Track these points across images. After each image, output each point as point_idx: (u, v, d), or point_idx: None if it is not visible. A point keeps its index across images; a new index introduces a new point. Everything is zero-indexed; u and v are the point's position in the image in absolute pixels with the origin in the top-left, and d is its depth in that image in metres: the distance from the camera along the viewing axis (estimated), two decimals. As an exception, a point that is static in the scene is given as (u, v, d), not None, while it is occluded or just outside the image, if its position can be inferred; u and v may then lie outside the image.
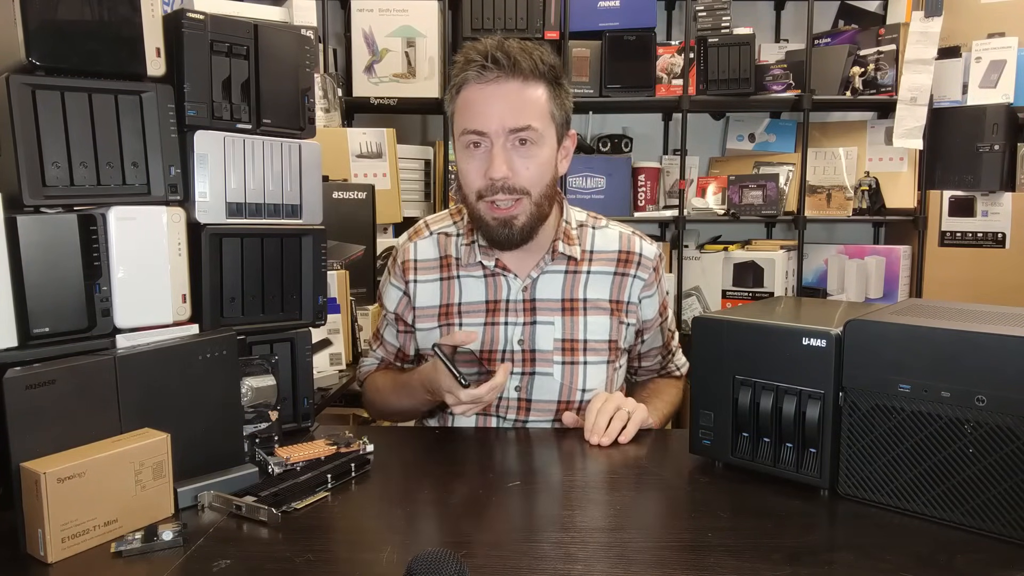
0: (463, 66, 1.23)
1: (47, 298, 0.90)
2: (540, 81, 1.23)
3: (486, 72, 1.20)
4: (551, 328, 1.32)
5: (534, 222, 1.26)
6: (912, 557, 0.82)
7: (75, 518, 0.82)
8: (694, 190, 2.93)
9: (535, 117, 1.22)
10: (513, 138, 1.22)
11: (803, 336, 0.97)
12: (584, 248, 1.37)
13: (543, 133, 1.24)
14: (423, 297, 1.37)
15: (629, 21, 2.72)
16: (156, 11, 1.00)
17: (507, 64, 1.20)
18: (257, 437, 1.08)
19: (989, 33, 2.65)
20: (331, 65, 2.82)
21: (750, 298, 2.81)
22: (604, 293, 1.36)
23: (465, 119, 1.23)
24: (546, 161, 1.25)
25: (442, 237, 1.39)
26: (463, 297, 1.35)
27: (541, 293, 1.34)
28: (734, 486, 1.02)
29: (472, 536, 0.88)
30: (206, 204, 1.08)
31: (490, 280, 1.35)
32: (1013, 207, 2.60)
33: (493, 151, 1.21)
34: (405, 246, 1.41)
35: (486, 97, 1.21)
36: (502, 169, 1.21)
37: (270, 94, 1.13)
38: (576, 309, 1.34)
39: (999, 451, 0.85)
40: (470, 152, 1.24)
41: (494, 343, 1.32)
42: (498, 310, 1.33)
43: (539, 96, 1.23)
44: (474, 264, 1.34)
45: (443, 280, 1.37)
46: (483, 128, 1.21)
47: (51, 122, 0.92)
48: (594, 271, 1.36)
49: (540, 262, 1.33)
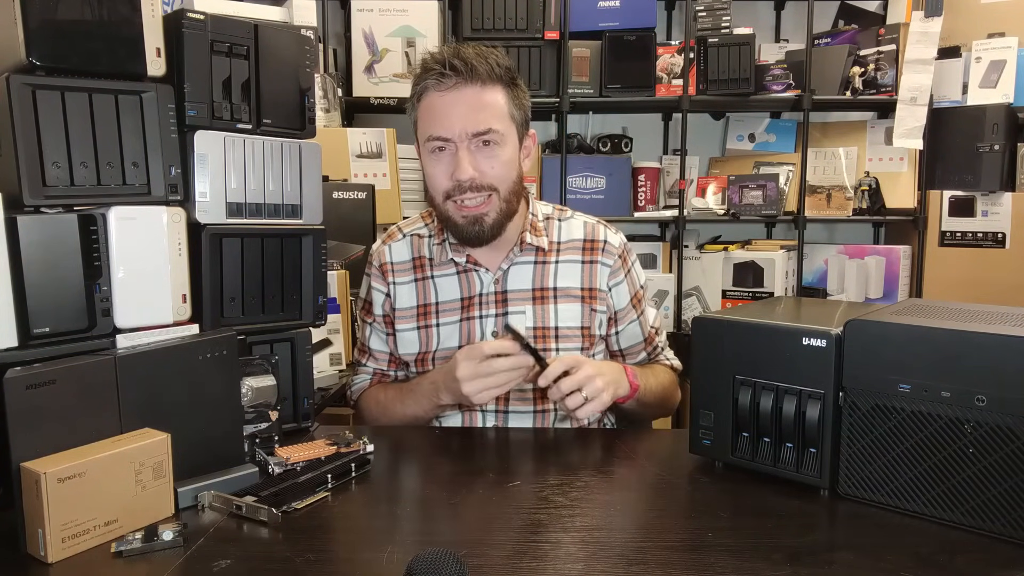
0: (422, 75, 1.27)
1: (47, 298, 0.90)
2: (497, 84, 1.27)
3: (445, 79, 1.24)
4: (522, 317, 1.35)
5: (503, 218, 1.31)
6: (912, 557, 0.82)
7: (75, 518, 0.82)
8: (694, 190, 2.93)
9: (495, 119, 1.26)
10: (476, 139, 1.25)
11: (803, 336, 0.97)
12: (551, 239, 1.40)
13: (504, 134, 1.27)
14: (401, 299, 1.40)
15: (629, 21, 2.72)
16: (156, 11, 1.00)
17: (464, 70, 1.24)
18: (257, 437, 1.08)
19: (989, 33, 2.65)
20: (331, 65, 2.82)
21: (750, 298, 2.81)
22: (575, 281, 1.39)
23: (428, 126, 1.27)
24: (510, 160, 1.29)
25: (415, 239, 1.42)
26: (439, 296, 1.38)
27: (512, 284, 1.37)
28: (734, 486, 1.02)
29: (472, 536, 0.88)
30: (206, 204, 1.08)
31: (463, 277, 1.38)
32: (1013, 207, 2.60)
33: (458, 154, 1.25)
34: (380, 249, 1.44)
35: (446, 103, 1.25)
36: (468, 171, 1.25)
37: (270, 94, 1.13)
38: (547, 298, 1.37)
39: (999, 451, 0.85)
40: (436, 156, 1.28)
41: (471, 337, 1.35)
42: (472, 305, 1.37)
43: (498, 99, 1.27)
44: (446, 262, 1.38)
45: (418, 281, 1.40)
46: (446, 134, 1.25)
47: (51, 122, 0.92)
48: (563, 260, 1.39)
49: (509, 254, 1.37)
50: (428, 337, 1.38)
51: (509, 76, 1.29)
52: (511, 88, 1.29)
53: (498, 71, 1.26)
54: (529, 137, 1.36)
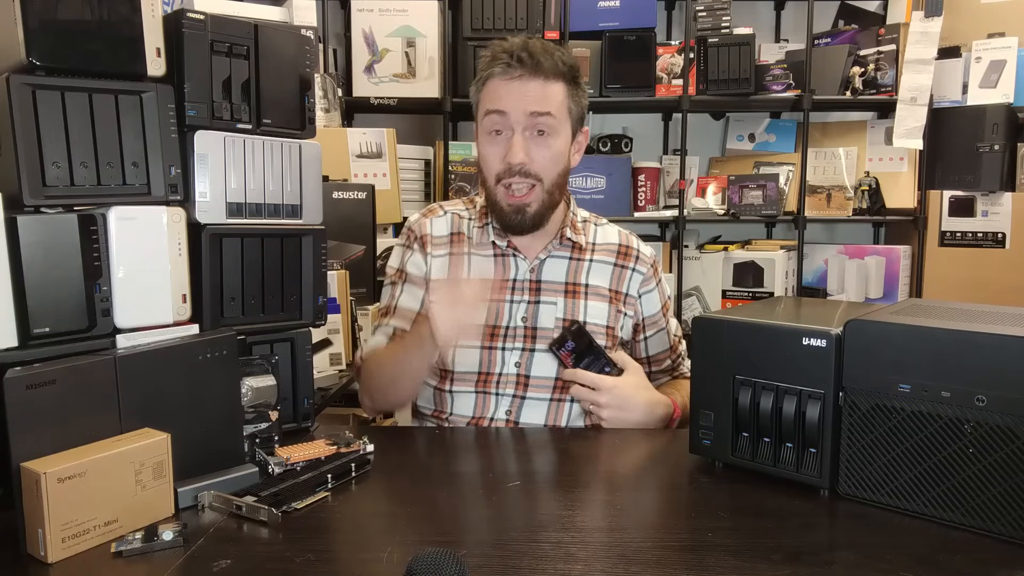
0: (490, 62, 1.34)
1: (47, 298, 0.90)
2: (560, 79, 1.33)
3: (511, 69, 1.31)
4: (553, 308, 1.40)
5: (545, 209, 1.36)
6: (912, 557, 0.82)
7: (75, 518, 0.82)
8: (694, 190, 2.93)
9: (554, 107, 1.32)
10: (532, 125, 1.31)
11: (803, 336, 0.97)
12: (588, 240, 1.47)
13: (559, 124, 1.34)
14: (436, 270, 1.43)
15: (629, 21, 2.72)
16: (156, 11, 1.00)
17: (530, 63, 1.30)
18: (257, 437, 1.08)
19: (989, 33, 2.65)
20: (331, 65, 2.82)
21: (750, 298, 2.81)
22: (604, 281, 1.44)
23: (488, 102, 1.34)
24: (560, 152, 1.35)
25: (455, 217, 1.47)
26: (472, 274, 1.42)
27: (546, 275, 1.42)
28: (734, 486, 1.02)
29: (472, 536, 0.88)
30: (206, 204, 1.08)
31: (499, 260, 1.43)
32: (1013, 207, 2.60)
33: (513, 138, 1.32)
34: (421, 222, 1.47)
35: (510, 88, 1.32)
36: (520, 155, 1.31)
37: (270, 94, 1.13)
38: (578, 293, 1.42)
39: (999, 451, 0.85)
40: (491, 138, 1.35)
41: (498, 319, 1.39)
42: (505, 289, 1.41)
43: (558, 91, 1.33)
44: (486, 244, 1.43)
45: (453, 256, 1.44)
46: (505, 108, 1.31)
47: (51, 122, 0.92)
48: (596, 260, 1.45)
49: (548, 246, 1.42)
50: None
51: (572, 74, 1.35)
52: (572, 85, 1.36)
53: (562, 67, 1.33)
54: (582, 133, 1.42)
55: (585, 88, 1.40)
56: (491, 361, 1.37)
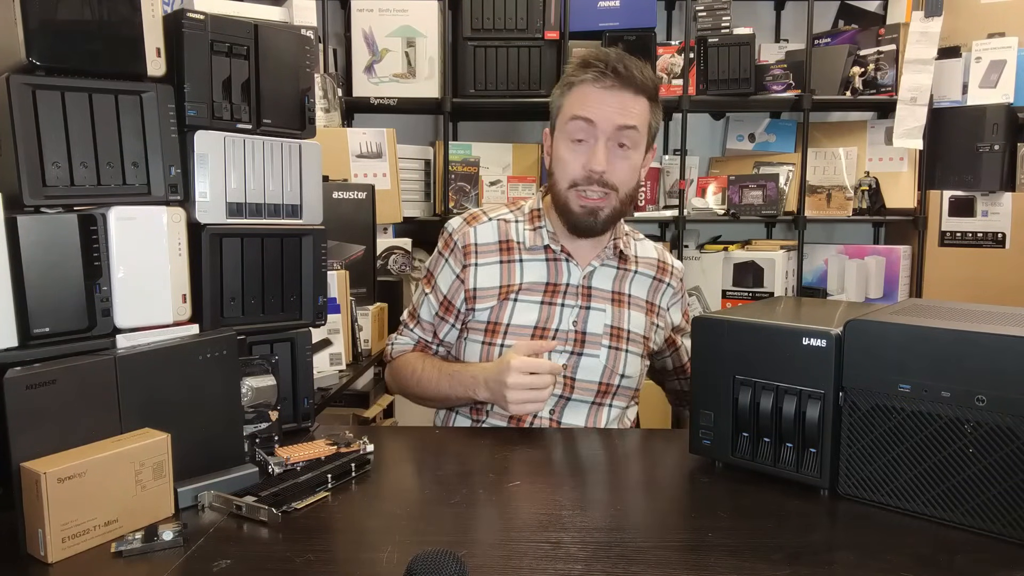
0: (582, 68, 1.36)
1: (47, 298, 0.90)
2: (645, 95, 1.36)
3: (604, 78, 1.33)
4: (603, 315, 1.42)
5: (615, 217, 1.40)
6: (912, 557, 0.82)
7: (75, 518, 0.82)
8: (694, 190, 2.93)
9: (638, 122, 1.35)
10: (616, 137, 1.34)
11: (803, 336, 0.97)
12: (632, 253, 1.51)
13: (640, 139, 1.37)
14: (483, 279, 1.43)
15: (629, 21, 2.72)
16: (156, 11, 1.00)
17: (625, 75, 1.33)
18: (257, 437, 1.08)
19: (989, 33, 2.65)
20: (331, 65, 2.82)
21: (750, 298, 2.81)
22: (643, 294, 1.49)
23: (576, 107, 1.35)
24: (635, 166, 1.39)
25: (501, 223, 1.48)
26: (524, 278, 1.43)
27: (596, 283, 1.45)
28: (734, 486, 1.02)
29: (472, 536, 0.88)
30: (206, 204, 1.08)
31: (551, 264, 1.44)
32: (1013, 207, 2.60)
33: (597, 146, 1.34)
34: (464, 230, 1.46)
35: (601, 96, 1.34)
36: (602, 163, 1.33)
37: (270, 94, 1.13)
38: (623, 302, 1.45)
39: (999, 451, 0.85)
40: (574, 146, 1.36)
41: (550, 321, 1.40)
42: (557, 292, 1.43)
43: (643, 107, 1.37)
44: (539, 248, 1.44)
45: (503, 263, 1.44)
46: (594, 117, 1.33)
47: (51, 122, 0.92)
48: (639, 272, 1.50)
49: (601, 254, 1.46)
50: (503, 309, 1.40)
51: (655, 91, 1.38)
52: (654, 103, 1.38)
53: (649, 85, 1.36)
54: (652, 150, 1.45)
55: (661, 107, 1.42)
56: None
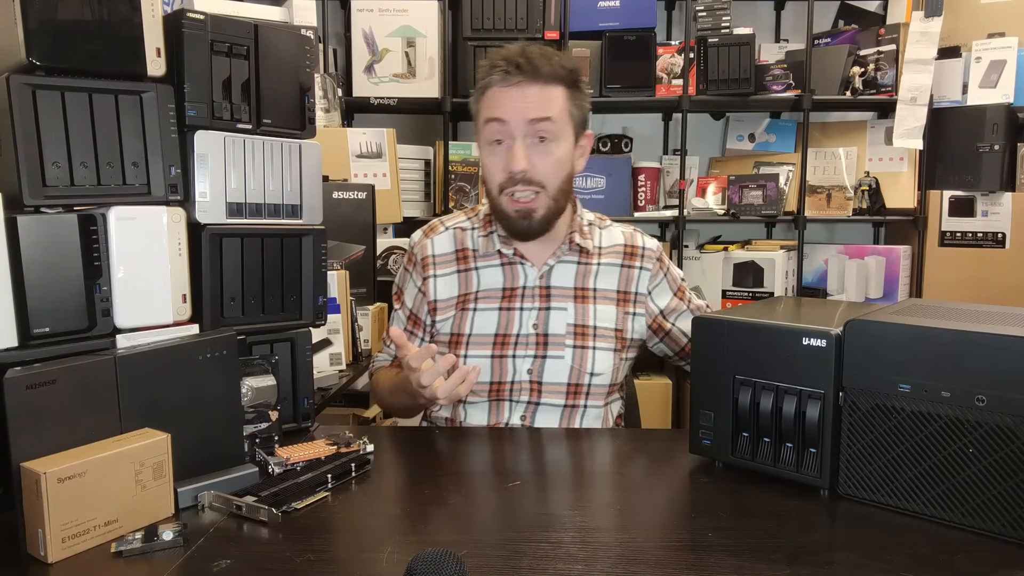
0: (488, 70, 1.32)
1: (47, 298, 0.90)
2: (559, 83, 1.31)
3: (509, 76, 1.29)
4: (564, 313, 1.39)
5: (551, 215, 1.35)
6: (912, 557, 0.82)
7: (75, 518, 0.82)
8: (694, 190, 2.93)
9: (554, 113, 1.30)
10: (532, 132, 1.30)
11: (803, 336, 0.97)
12: (594, 244, 1.45)
13: (560, 129, 1.32)
14: (442, 290, 1.43)
15: (629, 21, 2.72)
16: (156, 11, 1.00)
17: (529, 69, 1.29)
18: (257, 437, 1.08)
19: (989, 33, 2.65)
20: (331, 65, 2.82)
21: (750, 298, 2.81)
22: (612, 284, 1.43)
23: (488, 110, 1.32)
24: (563, 158, 1.33)
25: (458, 232, 1.46)
26: (480, 285, 1.41)
27: (555, 281, 1.41)
28: (734, 486, 1.02)
29: (472, 536, 0.88)
30: (206, 204, 1.08)
31: (507, 268, 1.42)
32: (1013, 207, 2.60)
33: (514, 146, 1.30)
34: (422, 243, 1.46)
35: (509, 95, 1.30)
36: (521, 163, 1.29)
37: (270, 94, 1.13)
38: (587, 297, 1.41)
39: (999, 451, 0.85)
40: (492, 148, 1.33)
41: (509, 326, 1.38)
42: (515, 296, 1.40)
43: (558, 96, 1.31)
44: (492, 253, 1.42)
45: (460, 272, 1.43)
46: (505, 116, 1.29)
47: (51, 122, 0.92)
48: (603, 263, 1.44)
49: (557, 251, 1.41)
50: (463, 319, 1.40)
51: (572, 77, 1.33)
52: (573, 89, 1.33)
53: (561, 72, 1.31)
54: (585, 137, 1.40)
55: (587, 91, 1.38)
56: (503, 370, 1.36)
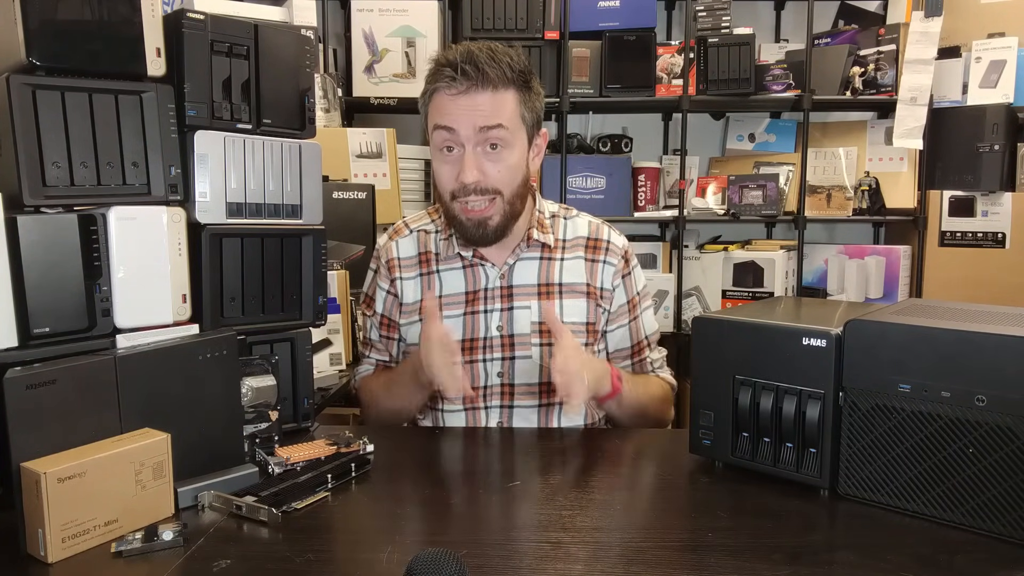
0: (434, 75, 1.26)
1: (47, 298, 0.90)
2: (509, 87, 1.26)
3: (455, 84, 1.23)
4: (528, 312, 1.36)
5: (507, 220, 1.31)
6: (912, 557, 0.82)
7: (75, 518, 0.82)
8: (694, 190, 2.93)
9: (505, 119, 1.25)
10: (483, 140, 1.25)
11: (803, 336, 0.97)
12: (557, 237, 1.41)
13: (513, 135, 1.27)
14: (407, 294, 1.41)
15: (629, 21, 2.72)
16: (156, 11, 1.00)
17: (475, 75, 1.23)
18: (257, 437, 1.08)
19: (989, 33, 2.65)
20: (331, 65, 2.82)
21: (750, 298, 2.81)
22: (580, 277, 1.39)
23: (436, 116, 1.27)
24: (516, 163, 1.29)
25: (421, 234, 1.43)
26: (443, 290, 1.39)
27: (518, 279, 1.37)
28: (734, 486, 1.02)
29: (472, 536, 0.88)
30: (206, 204, 1.08)
31: (468, 271, 1.38)
32: (1013, 207, 2.60)
33: (465, 156, 1.25)
34: (387, 245, 1.44)
35: (457, 105, 1.25)
36: (473, 174, 1.25)
37: (270, 94, 1.13)
38: (552, 293, 1.37)
39: (999, 451, 0.85)
40: (443, 155, 1.28)
41: (475, 331, 1.36)
42: (477, 299, 1.37)
43: (508, 100, 1.26)
44: (453, 256, 1.38)
45: (423, 276, 1.41)
46: (454, 125, 1.24)
47: (51, 122, 0.92)
48: (567, 257, 1.40)
49: (516, 249, 1.37)
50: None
51: (522, 79, 1.28)
52: (523, 91, 1.28)
53: (511, 74, 1.25)
54: (540, 136, 1.36)
55: (540, 90, 1.32)
56: (474, 375, 1.34)
